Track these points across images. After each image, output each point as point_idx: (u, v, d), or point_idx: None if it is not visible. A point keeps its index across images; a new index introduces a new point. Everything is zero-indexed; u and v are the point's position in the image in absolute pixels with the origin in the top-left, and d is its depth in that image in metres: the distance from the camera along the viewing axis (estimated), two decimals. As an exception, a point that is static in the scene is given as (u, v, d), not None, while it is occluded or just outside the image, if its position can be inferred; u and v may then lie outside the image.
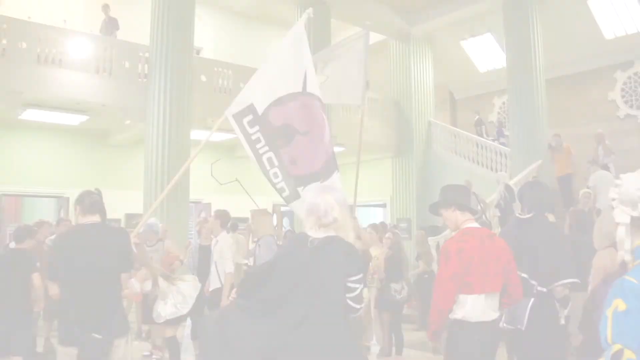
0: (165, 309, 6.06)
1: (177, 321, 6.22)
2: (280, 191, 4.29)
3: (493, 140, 15.44)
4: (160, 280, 6.05)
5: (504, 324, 3.99)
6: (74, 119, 12.47)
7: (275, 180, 4.28)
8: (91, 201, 3.69)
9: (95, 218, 3.71)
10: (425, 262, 9.84)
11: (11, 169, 12.92)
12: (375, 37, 17.51)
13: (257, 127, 4.25)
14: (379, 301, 6.90)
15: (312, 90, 4.26)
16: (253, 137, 4.30)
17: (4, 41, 10.48)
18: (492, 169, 14.35)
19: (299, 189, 4.23)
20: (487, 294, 3.42)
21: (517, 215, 4.38)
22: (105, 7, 13.01)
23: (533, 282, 3.94)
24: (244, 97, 4.32)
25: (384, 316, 7.03)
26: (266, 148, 4.27)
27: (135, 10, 14.49)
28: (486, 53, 17.04)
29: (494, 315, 3.49)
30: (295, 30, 4.47)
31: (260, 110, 4.23)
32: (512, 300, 3.62)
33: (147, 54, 11.89)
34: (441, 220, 4.09)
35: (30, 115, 11.84)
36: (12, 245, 6.12)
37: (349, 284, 2.74)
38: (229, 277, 6.38)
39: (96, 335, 3.46)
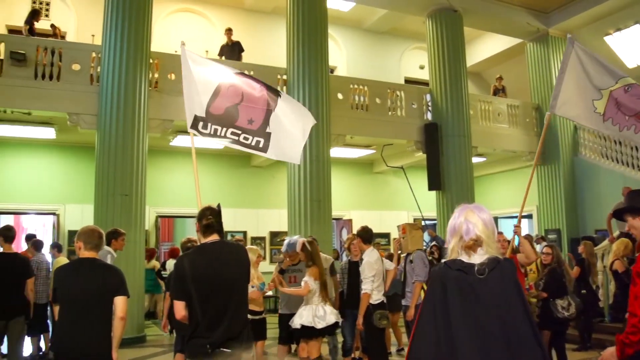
0: (302, 315, 6.07)
1: (308, 334, 6.12)
2: (257, 145, 5.33)
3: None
4: (322, 287, 6.10)
5: None
6: (220, 143, 13.04)
7: (247, 142, 5.31)
8: (207, 223, 3.79)
9: (214, 237, 3.81)
10: (592, 274, 9.14)
11: (165, 192, 13.82)
12: (510, 41, 16.93)
13: (209, 125, 5.20)
14: (540, 319, 6.46)
15: (223, 76, 5.32)
16: (212, 133, 5.25)
17: (156, 74, 11.27)
18: (650, 173, 13.22)
19: (267, 129, 5.34)
20: None
21: None
22: (229, 32, 13.52)
23: None
24: (188, 114, 5.20)
25: (544, 336, 6.59)
26: (224, 130, 5.24)
27: (259, 34, 15.17)
28: (635, 46, 15.77)
29: None
30: (183, 57, 5.38)
31: (203, 115, 5.17)
32: None
33: (284, 76, 12.24)
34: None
35: (181, 141, 12.58)
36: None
37: None
38: (365, 297, 6.31)
39: (225, 350, 3.51)
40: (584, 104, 5.64)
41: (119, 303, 4.13)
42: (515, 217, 18.14)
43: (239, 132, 5.29)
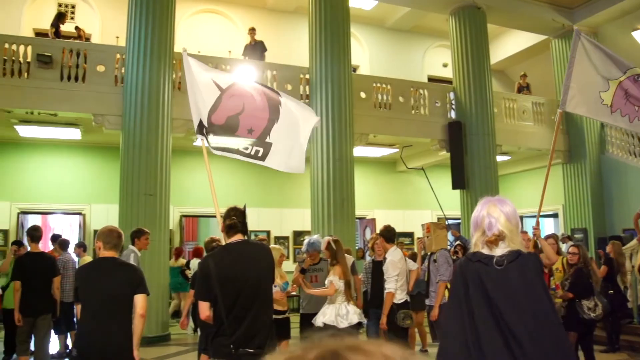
0: (325, 314, 6.05)
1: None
2: (256, 154, 5.28)
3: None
4: (346, 286, 6.09)
5: None
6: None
7: (247, 152, 5.28)
8: (230, 224, 3.82)
9: (238, 237, 3.83)
10: (622, 274, 8.97)
11: (189, 192, 13.89)
12: (535, 38, 16.72)
13: (211, 134, 5.24)
14: (566, 320, 6.34)
15: (225, 85, 5.29)
16: (214, 143, 5.29)
17: (179, 75, 11.32)
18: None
19: (267, 139, 5.29)
20: None
21: None
22: (252, 31, 13.52)
23: None
24: (195, 119, 5.24)
25: (570, 338, 6.47)
26: (224, 139, 5.28)
27: (281, 33, 15.19)
28: (664, 42, 15.46)
29: None
30: (185, 63, 5.38)
31: (206, 122, 5.19)
32: None
33: (307, 75, 12.24)
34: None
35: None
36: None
37: None
38: (389, 297, 6.28)
39: (249, 350, 3.53)
40: (591, 97, 5.56)
41: (139, 301, 4.18)
42: (541, 215, 17.90)
43: (238, 141, 5.37)
